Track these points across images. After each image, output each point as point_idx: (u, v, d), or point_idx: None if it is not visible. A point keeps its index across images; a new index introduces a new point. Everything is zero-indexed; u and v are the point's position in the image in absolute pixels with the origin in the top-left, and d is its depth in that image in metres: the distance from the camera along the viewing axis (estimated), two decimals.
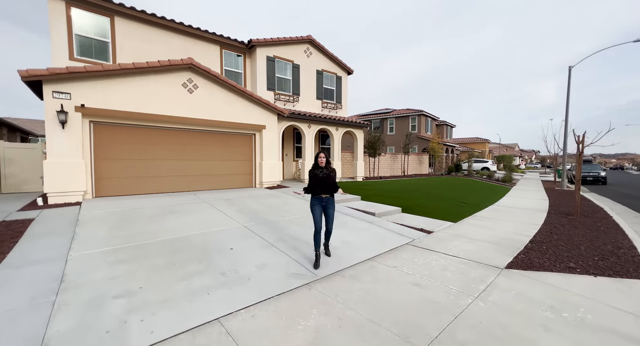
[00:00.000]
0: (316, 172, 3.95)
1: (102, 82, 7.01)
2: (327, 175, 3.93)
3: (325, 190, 3.92)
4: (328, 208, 3.96)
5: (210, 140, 9.26)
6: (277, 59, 12.09)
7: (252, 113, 9.89)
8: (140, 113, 7.57)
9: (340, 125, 13.38)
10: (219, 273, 3.43)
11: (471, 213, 7.90)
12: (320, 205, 3.93)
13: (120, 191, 7.67)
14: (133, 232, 4.72)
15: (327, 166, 4.00)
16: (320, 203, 3.93)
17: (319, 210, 3.93)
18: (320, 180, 3.91)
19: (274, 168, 10.43)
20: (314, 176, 3.95)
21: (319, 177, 3.91)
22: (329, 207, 3.96)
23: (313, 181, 3.96)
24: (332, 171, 4.00)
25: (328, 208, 3.96)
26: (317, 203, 3.93)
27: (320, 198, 3.92)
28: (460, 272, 3.66)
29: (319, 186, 3.91)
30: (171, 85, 8.11)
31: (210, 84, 8.86)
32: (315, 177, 3.93)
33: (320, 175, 3.91)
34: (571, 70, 15.80)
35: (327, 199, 3.95)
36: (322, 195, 3.92)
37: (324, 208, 3.96)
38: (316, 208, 3.91)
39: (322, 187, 3.90)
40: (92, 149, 7.18)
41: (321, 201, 3.92)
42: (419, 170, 21.90)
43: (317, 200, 3.93)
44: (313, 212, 3.92)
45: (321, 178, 3.90)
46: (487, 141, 43.11)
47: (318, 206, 3.92)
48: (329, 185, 3.92)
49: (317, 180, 3.92)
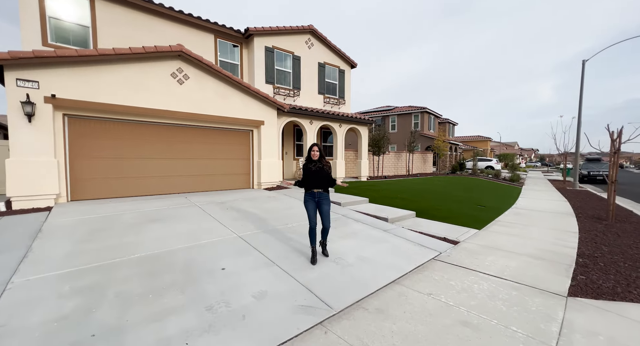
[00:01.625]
0: (309, 165, 3.80)
1: (78, 70, 6.14)
2: (319, 169, 3.75)
3: (318, 184, 3.75)
4: (322, 204, 3.77)
5: (204, 137, 8.40)
6: (277, 49, 11.23)
7: (250, 107, 9.04)
8: (123, 106, 6.70)
9: (343, 122, 12.54)
10: (204, 308, 2.61)
11: (492, 218, 7.12)
12: (313, 200, 3.77)
13: (100, 194, 6.80)
14: (104, 246, 3.88)
15: (321, 159, 3.81)
16: (313, 198, 3.77)
17: (313, 205, 3.77)
18: (313, 174, 3.75)
19: (273, 167, 9.60)
20: (306, 170, 3.81)
21: (311, 170, 3.76)
22: (322, 202, 3.77)
23: (306, 175, 3.81)
24: (325, 165, 3.81)
25: (322, 204, 3.77)
26: (310, 198, 3.78)
27: (312, 193, 3.77)
28: (515, 303, 2.86)
29: (311, 180, 3.76)
30: (158, 75, 7.24)
31: (202, 75, 7.99)
32: (308, 171, 3.79)
33: (313, 169, 3.75)
34: (585, 64, 15.08)
35: (319, 194, 3.77)
36: (314, 190, 3.76)
37: (318, 204, 3.78)
38: (309, 204, 3.76)
39: (315, 182, 3.75)
40: (66, 146, 6.31)
41: (314, 196, 3.77)
42: (423, 169, 21.13)
43: (309, 195, 3.79)
44: (307, 208, 3.77)
45: (314, 172, 3.75)
46: (489, 139, 42.46)
47: (311, 202, 3.77)
48: (321, 179, 3.75)
49: (310, 174, 3.77)
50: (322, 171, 3.77)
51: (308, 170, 3.80)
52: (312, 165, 3.81)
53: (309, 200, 3.79)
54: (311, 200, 3.78)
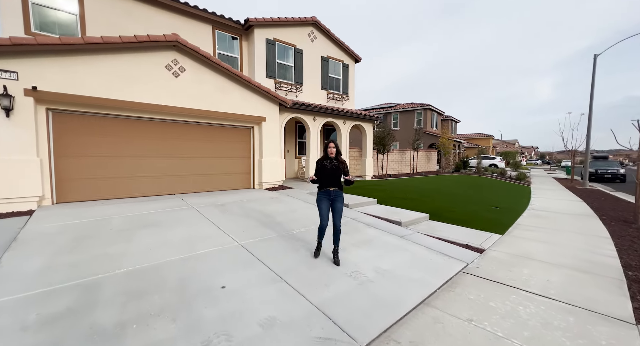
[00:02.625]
0: (325, 162, 3.64)
1: (62, 61, 5.59)
2: (336, 167, 3.61)
3: (335, 182, 3.63)
4: (336, 201, 3.65)
5: (201, 134, 7.87)
6: (278, 42, 10.66)
7: (250, 102, 8.50)
8: (113, 101, 6.15)
9: (348, 118, 12.01)
10: (200, 344, 2.11)
11: (511, 221, 6.64)
12: (328, 199, 3.64)
13: (89, 195, 6.28)
14: (87, 258, 3.38)
15: (337, 157, 3.68)
16: (328, 197, 3.63)
17: (327, 204, 3.64)
18: (330, 172, 3.59)
19: (275, 166, 9.08)
20: (321, 167, 3.63)
21: (327, 168, 3.60)
22: (337, 200, 3.65)
23: (321, 173, 3.62)
24: (341, 162, 3.68)
25: (336, 201, 3.65)
26: (324, 197, 3.63)
27: (328, 191, 3.63)
28: (578, 334, 2.37)
29: (327, 179, 3.60)
30: (152, 67, 6.69)
31: (199, 67, 7.44)
32: (324, 169, 3.61)
33: (329, 167, 3.60)
34: (596, 58, 14.58)
35: (335, 192, 3.64)
36: (329, 188, 3.63)
37: (332, 202, 3.65)
38: (323, 203, 3.62)
39: (331, 180, 3.61)
40: (51, 144, 5.77)
41: (329, 195, 3.63)
42: (427, 167, 20.65)
43: (324, 194, 3.64)
44: (320, 207, 3.63)
45: (330, 169, 3.59)
46: (491, 137, 42.00)
47: (326, 200, 3.63)
48: (338, 177, 3.63)
49: (326, 172, 3.60)
50: (339, 170, 3.63)
51: (324, 168, 3.62)
52: (327, 162, 3.64)
53: (323, 198, 3.64)
54: (326, 198, 3.64)
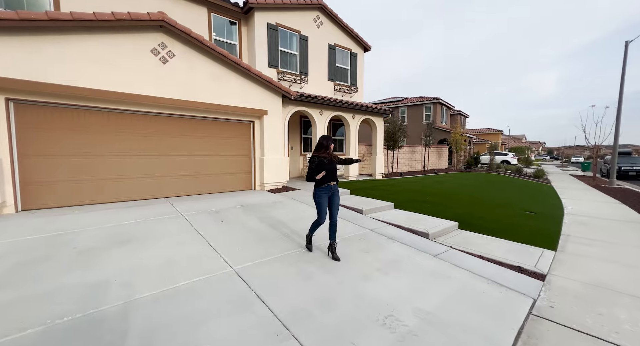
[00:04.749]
0: (322, 158, 3.60)
1: (25, 41, 4.67)
2: (331, 161, 3.65)
3: (334, 177, 3.67)
4: (335, 196, 3.70)
5: (195, 129, 6.94)
6: (281, 27, 9.65)
7: (250, 94, 7.54)
8: (89, 90, 5.24)
9: (357, 112, 11.00)
10: None
11: (554, 230, 5.67)
12: (327, 195, 3.63)
13: (62, 201, 5.40)
14: (24, 297, 2.48)
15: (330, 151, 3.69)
16: (328, 193, 3.63)
17: (327, 201, 3.65)
18: (329, 166, 3.59)
19: (278, 165, 8.15)
20: (320, 164, 3.57)
21: (325, 163, 3.58)
22: (335, 194, 3.70)
23: (320, 170, 3.55)
24: (333, 156, 3.73)
25: (335, 196, 3.70)
26: (324, 194, 3.62)
27: (329, 187, 3.62)
28: None
29: (329, 174, 3.59)
30: (135, 51, 5.75)
31: (191, 52, 6.48)
32: (322, 164, 3.57)
33: (326, 162, 3.60)
34: (628, 45, 13.37)
35: (334, 187, 3.69)
36: (330, 184, 3.62)
37: (331, 197, 3.67)
38: (324, 199, 3.62)
39: (331, 175, 3.61)
40: (13, 141, 4.89)
41: (329, 190, 3.63)
42: (438, 164, 19.60)
43: (324, 190, 3.61)
44: (320, 204, 3.61)
45: (328, 164, 3.60)
46: (501, 132, 40.66)
47: (326, 196, 3.63)
48: (335, 172, 3.69)
49: (326, 167, 3.56)
50: (334, 162, 3.69)
51: (322, 164, 3.57)
52: (324, 158, 3.61)
53: (324, 195, 3.61)
54: (326, 195, 3.62)
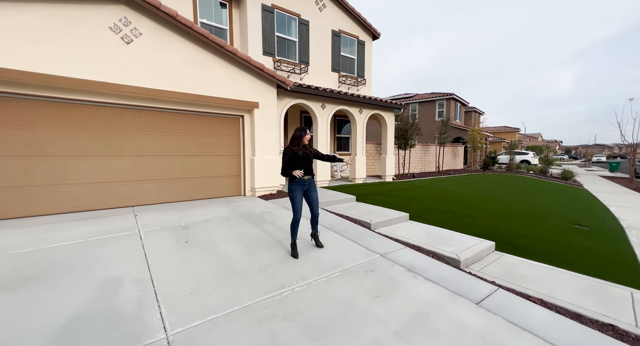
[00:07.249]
0: (295, 151, 3.42)
1: None
2: (306, 154, 3.47)
3: (309, 171, 3.47)
4: (311, 191, 3.53)
5: (169, 124, 5.83)
6: (278, 10, 8.47)
7: (238, 82, 6.38)
8: (28, 74, 4.16)
9: (365, 106, 9.71)
10: None
11: (624, 252, 4.34)
12: (302, 190, 3.46)
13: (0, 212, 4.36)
14: None
15: (306, 144, 3.50)
16: (302, 187, 3.46)
17: (301, 196, 3.47)
18: (302, 159, 3.43)
19: (272, 167, 6.98)
20: (292, 156, 3.41)
21: (299, 156, 3.42)
22: (311, 189, 3.53)
23: (293, 163, 3.39)
24: (309, 148, 3.51)
25: (311, 191, 3.53)
26: (298, 188, 3.44)
27: (302, 181, 3.44)
28: None
29: (300, 168, 3.37)
30: (88, 26, 4.65)
31: (163, 31, 5.36)
32: (295, 158, 3.41)
33: (301, 154, 3.43)
34: None
35: (309, 181, 3.51)
36: (304, 178, 3.41)
37: (306, 192, 3.50)
38: (298, 194, 3.43)
39: (306, 169, 3.42)
40: None
41: (303, 185, 3.46)
42: (453, 164, 18.11)
43: (298, 184, 3.44)
44: (294, 200, 3.42)
45: (302, 157, 3.43)
46: (517, 130, 38.60)
47: (300, 192, 3.45)
48: (311, 164, 3.52)
49: (298, 161, 3.40)
50: (309, 157, 3.50)
51: (295, 156, 3.41)
52: (299, 150, 3.42)
53: (298, 189, 3.44)
54: (300, 190, 3.46)
